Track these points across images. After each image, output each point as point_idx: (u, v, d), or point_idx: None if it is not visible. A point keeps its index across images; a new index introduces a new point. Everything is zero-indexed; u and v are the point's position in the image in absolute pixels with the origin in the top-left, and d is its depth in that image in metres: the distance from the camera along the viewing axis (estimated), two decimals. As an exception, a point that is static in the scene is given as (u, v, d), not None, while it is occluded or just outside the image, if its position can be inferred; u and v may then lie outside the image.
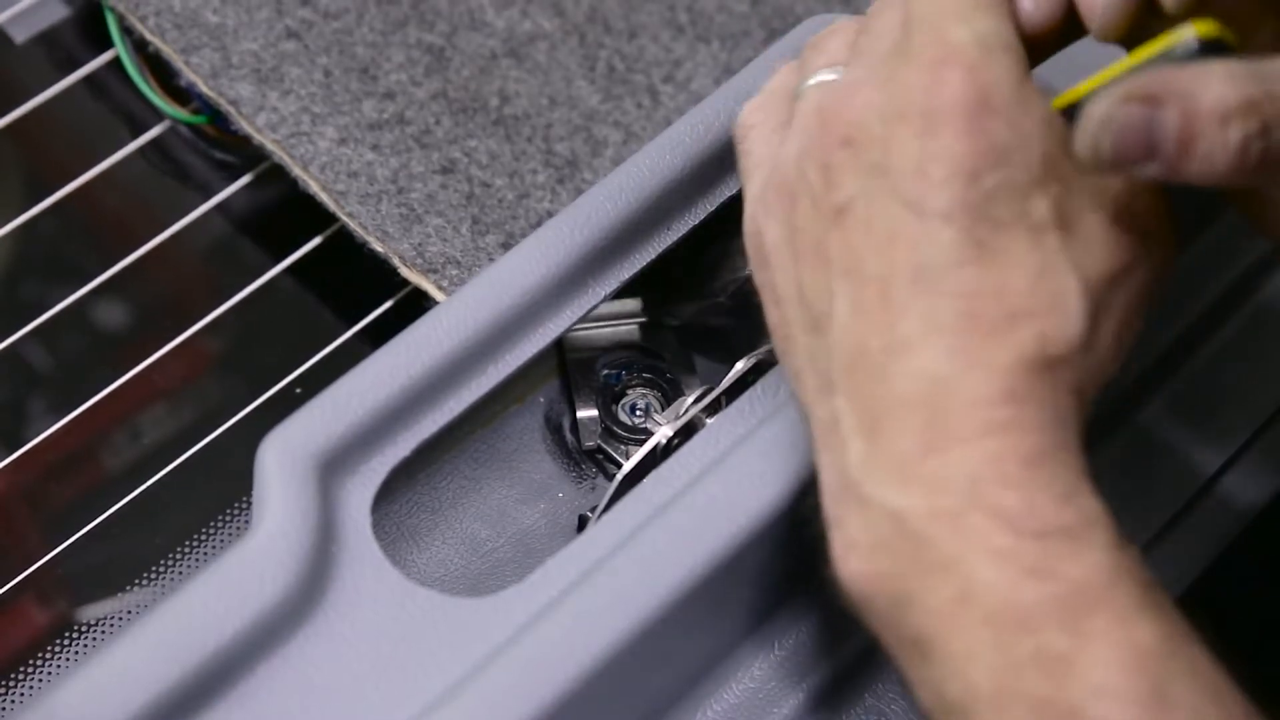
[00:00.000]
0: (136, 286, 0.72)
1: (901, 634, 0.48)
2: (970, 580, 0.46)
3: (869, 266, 0.49)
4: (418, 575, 0.62)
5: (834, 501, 0.49)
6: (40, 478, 0.69)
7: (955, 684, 0.46)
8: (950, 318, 0.48)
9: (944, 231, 0.48)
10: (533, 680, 0.53)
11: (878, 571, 0.48)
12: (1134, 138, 0.47)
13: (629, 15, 0.76)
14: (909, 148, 0.49)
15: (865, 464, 0.48)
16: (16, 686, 0.64)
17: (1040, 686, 0.45)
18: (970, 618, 0.46)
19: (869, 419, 0.48)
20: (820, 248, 0.51)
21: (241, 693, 0.53)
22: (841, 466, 0.49)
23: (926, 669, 0.47)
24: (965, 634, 0.46)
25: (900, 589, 0.47)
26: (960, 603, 0.46)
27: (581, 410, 0.66)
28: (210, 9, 0.72)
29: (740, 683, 0.60)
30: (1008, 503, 0.46)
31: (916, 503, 0.47)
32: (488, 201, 0.70)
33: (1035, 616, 0.45)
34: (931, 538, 0.47)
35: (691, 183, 0.61)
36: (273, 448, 0.55)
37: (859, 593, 0.49)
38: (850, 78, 0.52)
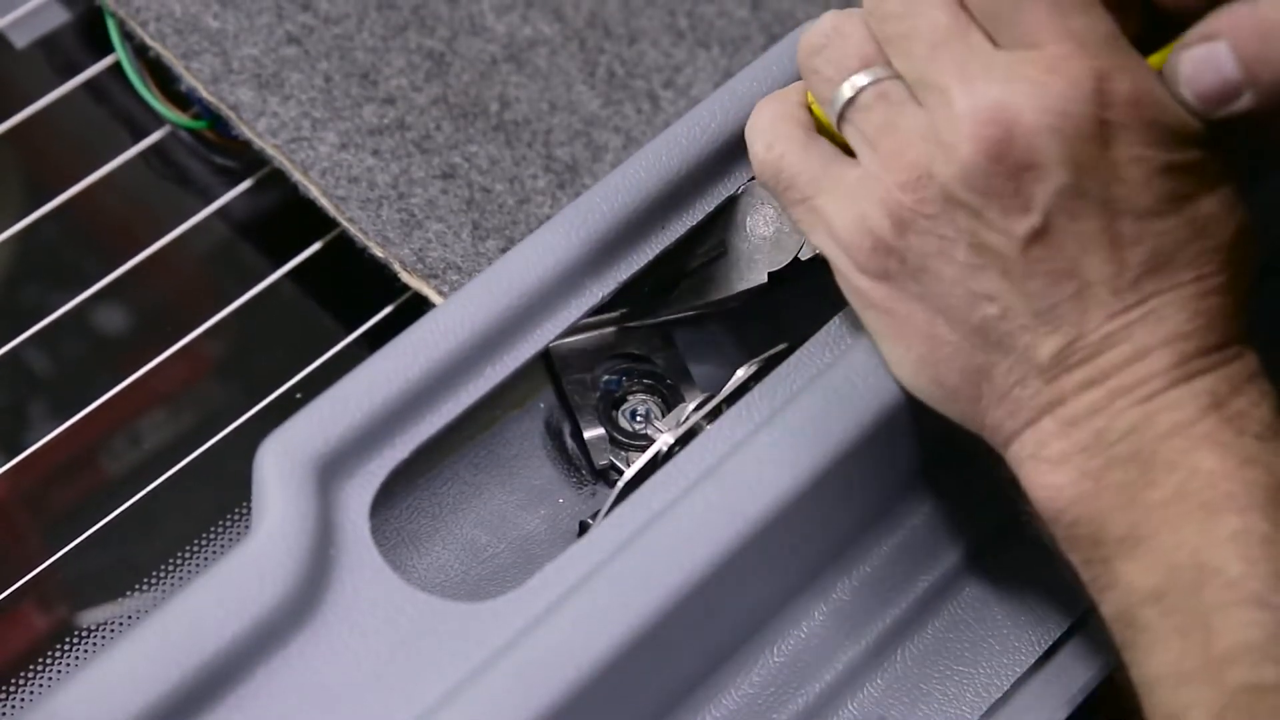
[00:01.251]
0: (137, 291, 0.72)
1: (1112, 536, 0.52)
2: (1193, 472, 0.51)
3: (1092, 272, 0.52)
4: (417, 580, 0.62)
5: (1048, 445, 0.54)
6: (41, 482, 0.69)
7: (1155, 573, 0.51)
8: (1190, 290, 0.53)
9: (1161, 224, 0.52)
10: (531, 685, 0.53)
11: (1107, 485, 0.52)
12: (1205, 76, 0.51)
13: (629, 20, 0.76)
14: (1099, 162, 0.52)
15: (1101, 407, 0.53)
16: (17, 691, 0.63)
17: (1234, 566, 0.50)
18: (1186, 506, 0.51)
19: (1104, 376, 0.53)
20: (1013, 263, 0.53)
21: (241, 696, 0.53)
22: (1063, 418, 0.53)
23: (1128, 566, 0.52)
24: (1178, 522, 0.51)
25: (1126, 494, 0.52)
26: (1180, 494, 0.51)
27: (588, 430, 0.65)
28: (211, 14, 0.72)
29: (739, 688, 0.60)
30: (1238, 408, 0.52)
31: (1159, 420, 0.52)
32: (488, 207, 0.70)
33: (1244, 501, 0.51)
34: (1168, 444, 0.52)
35: (689, 184, 0.61)
36: (271, 451, 0.55)
37: (1078, 512, 0.53)
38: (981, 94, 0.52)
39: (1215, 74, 0.51)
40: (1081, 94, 0.51)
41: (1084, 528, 0.53)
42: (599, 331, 0.67)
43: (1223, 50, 0.51)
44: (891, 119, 0.54)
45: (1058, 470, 0.53)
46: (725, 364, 0.67)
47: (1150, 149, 0.52)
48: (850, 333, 0.59)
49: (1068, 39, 0.52)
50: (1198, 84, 0.52)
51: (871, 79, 0.55)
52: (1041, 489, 0.54)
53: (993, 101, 0.52)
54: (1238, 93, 0.51)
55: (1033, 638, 0.62)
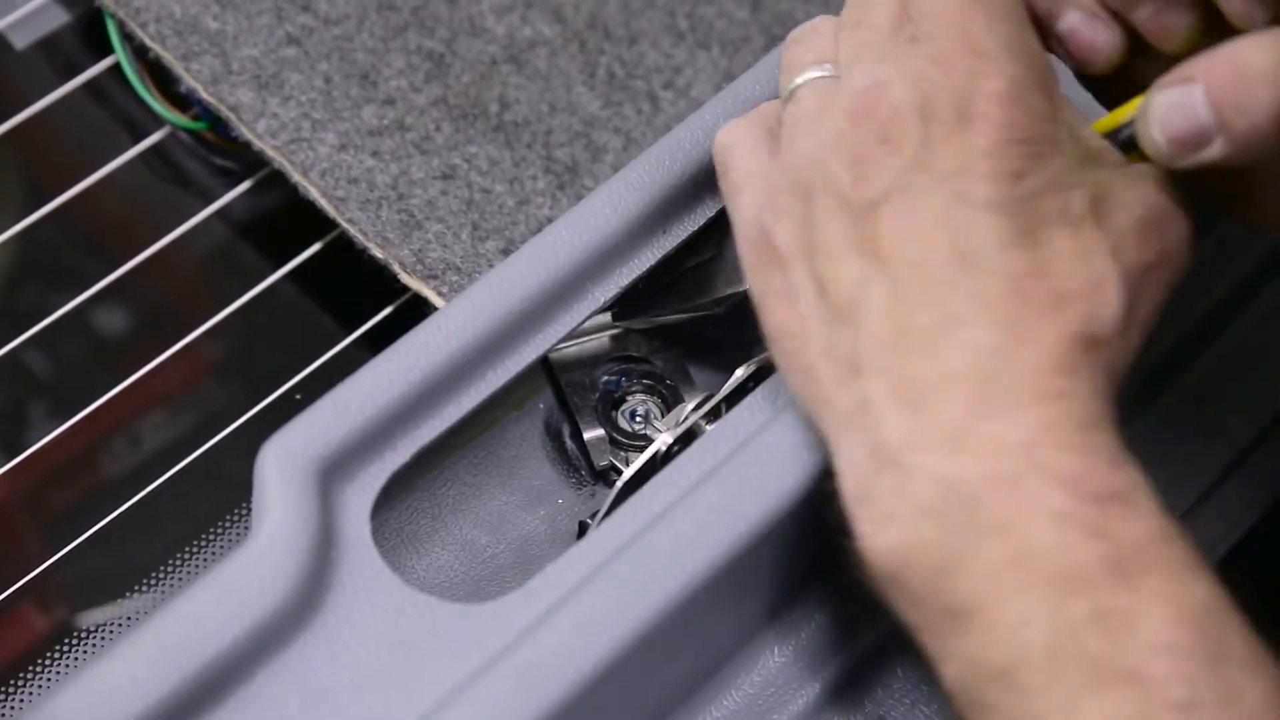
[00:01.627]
0: (137, 292, 0.72)
1: (940, 603, 0.48)
2: (1026, 542, 0.47)
3: (910, 252, 0.50)
4: (417, 581, 0.62)
5: (864, 480, 0.50)
6: (40, 484, 0.69)
7: (1001, 650, 0.47)
8: (999, 295, 0.49)
9: (991, 219, 0.50)
10: (532, 686, 0.53)
11: (920, 540, 0.48)
12: (1178, 117, 0.50)
13: (629, 21, 0.76)
14: (952, 145, 0.51)
15: (909, 435, 0.49)
16: (16, 693, 0.63)
17: (1098, 645, 0.45)
18: (1026, 579, 0.46)
19: (911, 394, 0.49)
20: (849, 239, 0.51)
21: (241, 698, 0.53)
22: (877, 443, 0.49)
23: (965, 638, 0.47)
24: (1019, 596, 0.46)
25: (945, 556, 0.48)
26: (1015, 564, 0.47)
27: (588, 431, 0.65)
28: (210, 15, 0.72)
29: (739, 689, 0.60)
30: (1067, 466, 0.47)
31: (970, 468, 0.48)
32: (488, 208, 0.70)
33: (1094, 576, 0.46)
34: (986, 501, 0.47)
35: (691, 188, 0.61)
36: (272, 453, 0.55)
37: (894, 565, 0.49)
38: (869, 73, 0.53)
39: (1188, 118, 0.50)
40: (951, 83, 0.51)
41: (906, 590, 0.49)
42: (597, 335, 0.67)
43: (1198, 94, 0.50)
44: (807, 108, 0.55)
45: (868, 515, 0.49)
46: (725, 364, 0.67)
47: (1004, 148, 0.51)
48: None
49: (958, 37, 0.52)
50: (1169, 127, 0.51)
51: (818, 74, 0.55)
52: (857, 533, 0.50)
53: (872, 78, 0.52)
54: (1209, 139, 0.50)
55: (1033, 639, 0.62)
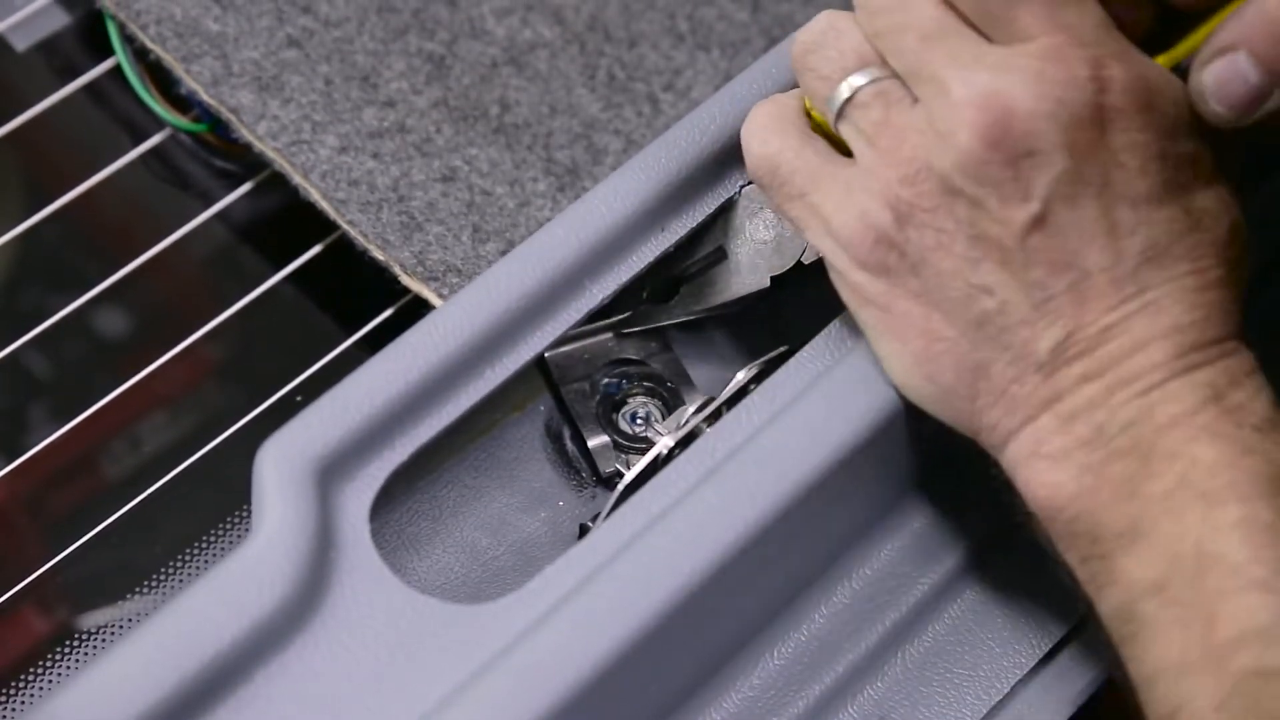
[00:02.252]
0: (137, 294, 0.72)
1: (1113, 529, 0.52)
2: (1194, 462, 0.51)
3: (1090, 261, 0.52)
4: (417, 582, 0.61)
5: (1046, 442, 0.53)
6: (40, 486, 0.69)
7: (1156, 565, 0.51)
8: (1189, 282, 0.53)
9: (1159, 212, 0.52)
10: (532, 688, 0.52)
11: (1107, 479, 0.52)
12: (1234, 89, 0.52)
13: (629, 23, 0.76)
14: (1097, 148, 0.52)
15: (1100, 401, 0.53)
16: (16, 694, 0.63)
17: (1238, 552, 0.50)
18: (1186, 496, 0.51)
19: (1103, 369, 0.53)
20: (1012, 254, 0.53)
21: (240, 699, 0.53)
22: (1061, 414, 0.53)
23: (1127, 560, 0.51)
24: (1179, 512, 0.51)
25: (1126, 487, 0.52)
26: (1181, 484, 0.51)
27: (592, 439, 0.65)
28: (211, 17, 0.72)
29: (739, 690, 0.60)
30: (1237, 400, 0.52)
31: (1158, 413, 0.52)
32: (488, 209, 0.70)
33: (1246, 490, 0.51)
34: (1168, 436, 0.52)
35: (688, 187, 0.61)
36: (271, 454, 0.55)
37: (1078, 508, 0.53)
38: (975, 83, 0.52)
39: (1242, 83, 0.52)
40: (1078, 80, 0.52)
41: (1083, 524, 0.53)
42: (596, 339, 0.67)
43: (1242, 59, 0.52)
44: (888, 115, 0.54)
45: (1058, 466, 0.53)
46: (725, 366, 0.67)
47: (1147, 135, 0.52)
48: (851, 336, 0.59)
49: (1061, 30, 0.52)
50: (1227, 96, 0.52)
51: (869, 78, 0.55)
52: (1041, 487, 0.53)
53: (989, 89, 0.52)
54: (1268, 94, 0.52)
55: (1033, 641, 0.62)
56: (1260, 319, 0.68)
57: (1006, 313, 0.53)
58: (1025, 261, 0.53)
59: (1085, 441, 0.53)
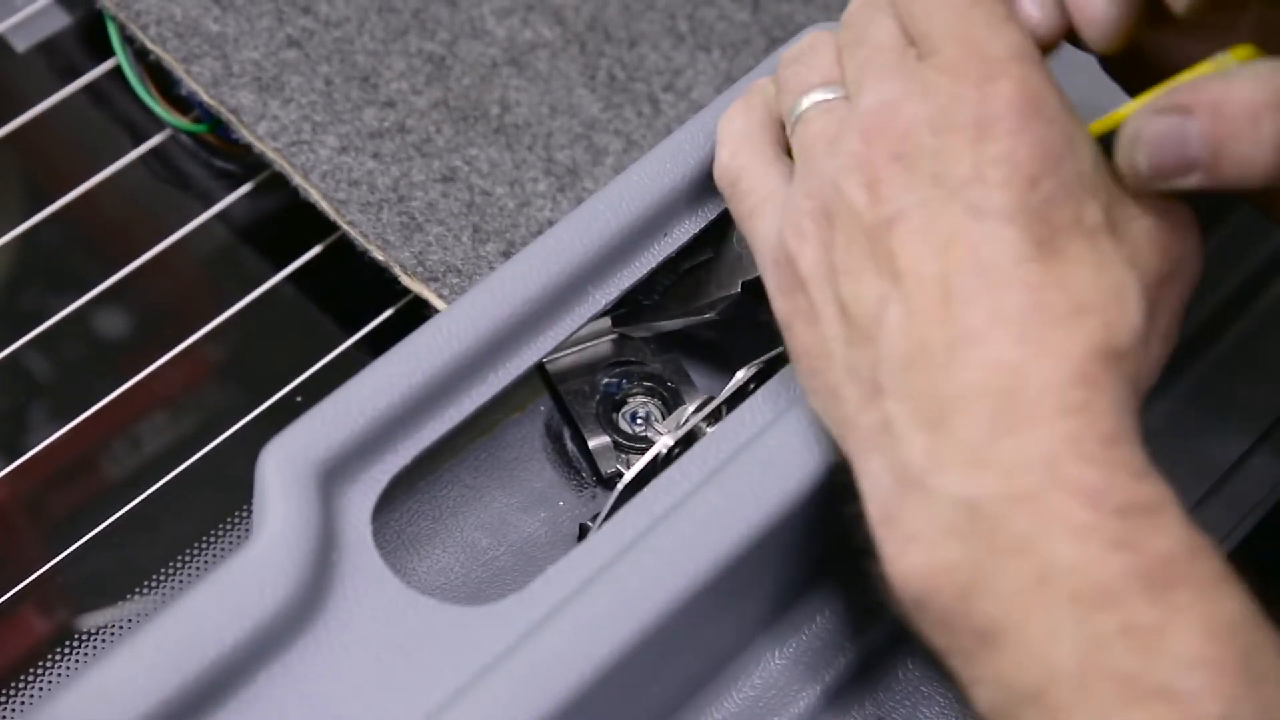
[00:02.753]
0: (137, 295, 0.72)
1: (967, 625, 0.47)
2: (1051, 559, 0.46)
3: (927, 268, 0.50)
4: (418, 583, 0.62)
5: (887, 502, 0.49)
6: (41, 486, 0.69)
7: (1030, 670, 0.46)
8: (1018, 309, 0.48)
9: (1006, 230, 0.49)
10: (533, 689, 0.53)
11: (945, 562, 0.47)
12: (1168, 149, 0.49)
13: (629, 24, 0.76)
14: (965, 155, 0.50)
15: (930, 456, 0.48)
16: (16, 695, 0.63)
17: (1127, 661, 0.45)
18: (1051, 597, 0.46)
19: (932, 412, 0.48)
20: (868, 259, 0.51)
21: (242, 701, 0.53)
22: (899, 465, 0.49)
23: (994, 660, 0.47)
24: (1045, 614, 0.46)
25: (970, 577, 0.47)
26: (1040, 583, 0.46)
27: (593, 439, 0.65)
28: (211, 18, 0.72)
29: (740, 691, 0.60)
30: (1089, 479, 0.46)
31: (991, 486, 0.47)
32: (488, 210, 0.70)
33: (1121, 591, 0.45)
34: (1008, 519, 0.46)
35: (692, 191, 0.61)
36: (273, 456, 0.55)
37: (919, 588, 0.48)
38: (880, 92, 0.52)
39: (1178, 150, 0.49)
40: (962, 91, 0.51)
41: (932, 612, 0.48)
42: (594, 343, 0.67)
43: (1193, 129, 0.48)
44: (821, 130, 0.54)
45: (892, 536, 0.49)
46: (725, 366, 0.67)
47: (1019, 155, 0.50)
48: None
49: (964, 45, 0.51)
50: (1158, 157, 0.49)
51: (824, 96, 0.55)
52: (882, 558, 0.49)
53: (884, 97, 0.52)
54: (1192, 170, 0.49)
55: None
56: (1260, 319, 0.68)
57: (855, 326, 0.51)
58: (878, 267, 0.50)
59: (921, 508, 0.48)
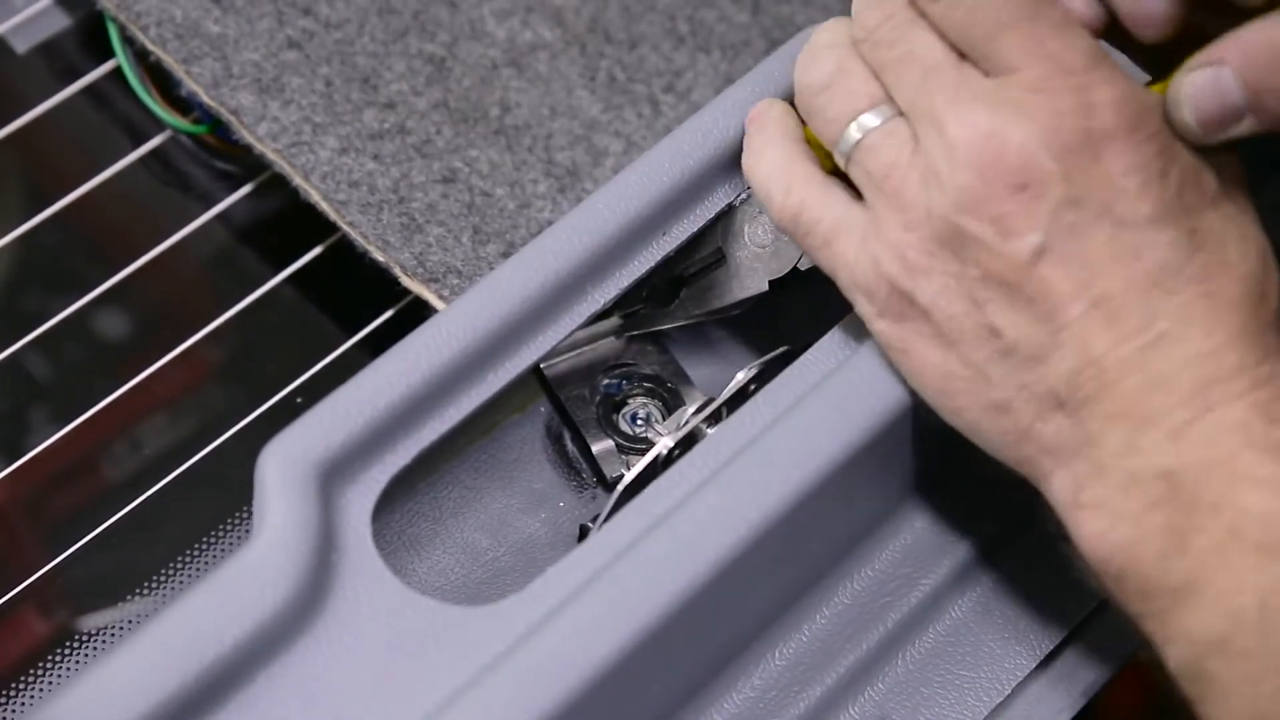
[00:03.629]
0: (137, 296, 0.72)
1: (1164, 587, 0.50)
2: (1240, 511, 0.49)
3: (1094, 291, 0.51)
4: (418, 584, 0.62)
5: (1087, 488, 0.52)
6: (41, 487, 0.69)
7: (1217, 622, 0.49)
8: (1197, 305, 0.51)
9: (1162, 234, 0.51)
10: (533, 689, 0.53)
11: (1148, 531, 0.50)
12: (1209, 100, 0.51)
13: (630, 25, 0.76)
14: (1092, 173, 0.51)
15: (1129, 444, 0.51)
16: (17, 696, 0.63)
17: None
18: (1239, 549, 0.49)
19: (1127, 408, 0.51)
20: (1016, 290, 0.52)
21: (242, 701, 0.53)
22: (1096, 458, 0.52)
23: (1186, 616, 0.50)
24: (1233, 566, 0.49)
25: (1170, 541, 0.50)
26: (1230, 536, 0.49)
27: (596, 443, 0.65)
28: (211, 19, 0.72)
29: (740, 692, 0.60)
30: (1277, 438, 0.50)
31: (1190, 456, 0.50)
32: (489, 211, 0.70)
33: None
34: (1206, 483, 0.50)
35: (690, 190, 0.61)
36: (273, 457, 0.55)
37: (1123, 560, 0.51)
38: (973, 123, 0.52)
39: (1218, 99, 0.51)
40: (1065, 108, 0.51)
41: (1132, 579, 0.51)
42: (594, 345, 0.67)
43: (1227, 76, 0.51)
44: (893, 158, 0.54)
45: (1096, 516, 0.52)
46: (725, 367, 0.67)
47: (1142, 156, 0.52)
48: (855, 340, 0.59)
49: (1044, 60, 0.52)
50: (1200, 109, 0.51)
51: (880, 119, 0.55)
52: (1083, 539, 0.52)
53: (982, 127, 0.52)
54: (1239, 118, 0.51)
55: (1034, 642, 0.62)
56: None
57: (1018, 350, 0.52)
58: (1031, 295, 0.52)
59: (1121, 489, 0.51)
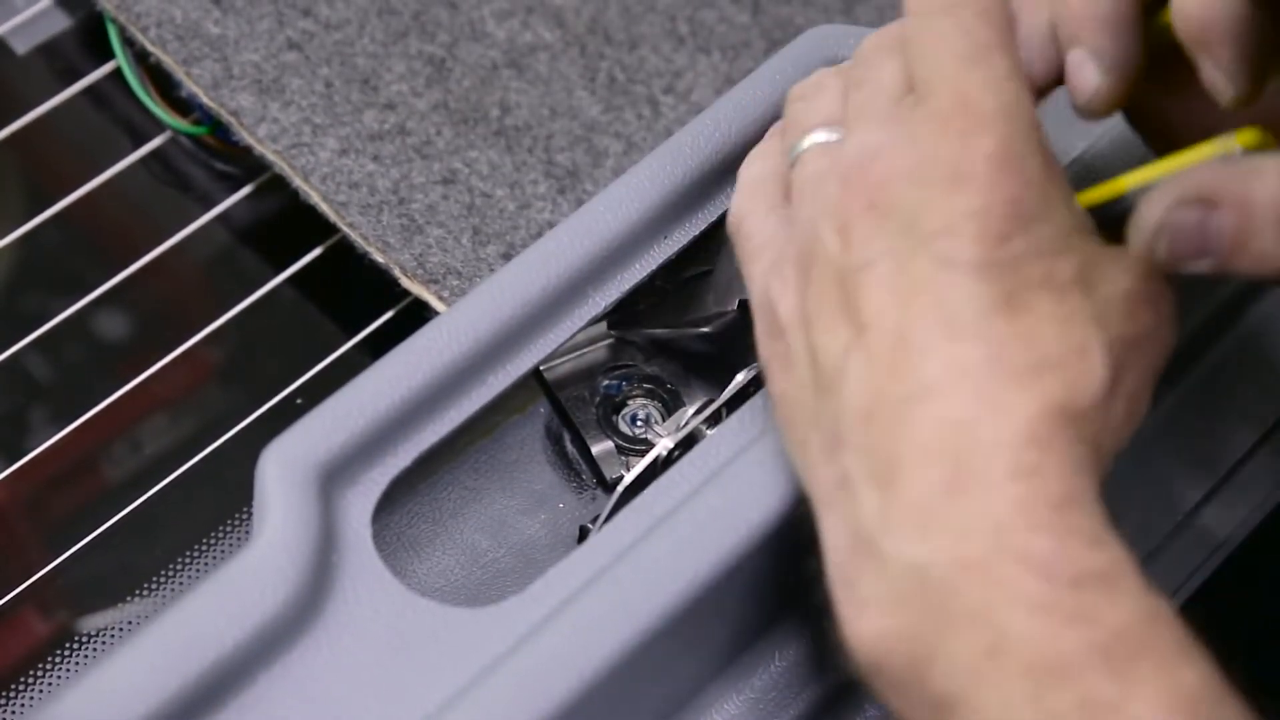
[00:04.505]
0: (137, 297, 0.72)
1: (922, 696, 0.46)
2: (1003, 631, 0.45)
3: (890, 319, 0.49)
4: (418, 585, 0.62)
5: (844, 562, 0.48)
6: (41, 488, 0.69)
7: None
8: (977, 363, 0.47)
9: (973, 284, 0.48)
10: (533, 691, 0.53)
11: (897, 629, 0.46)
12: (1189, 239, 0.48)
13: (630, 26, 0.76)
14: (939, 207, 0.49)
15: (881, 516, 0.47)
16: (16, 698, 0.64)
17: None
18: (1005, 670, 0.44)
19: (885, 469, 0.48)
20: (836, 307, 0.50)
21: (242, 703, 0.53)
22: (853, 523, 0.48)
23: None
24: (1000, 688, 0.44)
25: (922, 647, 0.46)
26: (992, 655, 0.45)
27: (596, 445, 0.65)
28: (211, 20, 0.72)
29: (741, 693, 0.60)
30: (1038, 548, 0.45)
31: (940, 552, 0.46)
32: (489, 212, 0.70)
33: (1077, 665, 0.44)
34: (958, 588, 0.45)
35: (692, 193, 0.61)
36: (273, 458, 0.55)
37: (874, 654, 0.47)
38: (865, 139, 0.52)
39: (1199, 242, 0.48)
40: (948, 144, 0.50)
41: (886, 676, 0.47)
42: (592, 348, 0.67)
43: (1217, 224, 0.47)
44: (812, 173, 0.54)
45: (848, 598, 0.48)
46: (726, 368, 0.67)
47: (994, 211, 0.49)
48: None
49: (957, 99, 0.50)
50: (1177, 244, 0.48)
51: (825, 137, 0.54)
52: (838, 618, 0.48)
53: (868, 143, 0.51)
54: (1204, 258, 0.48)
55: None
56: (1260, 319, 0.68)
57: (823, 373, 0.50)
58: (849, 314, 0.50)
59: (874, 570, 0.47)
